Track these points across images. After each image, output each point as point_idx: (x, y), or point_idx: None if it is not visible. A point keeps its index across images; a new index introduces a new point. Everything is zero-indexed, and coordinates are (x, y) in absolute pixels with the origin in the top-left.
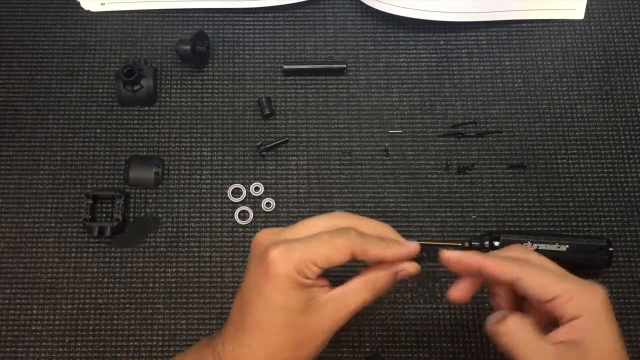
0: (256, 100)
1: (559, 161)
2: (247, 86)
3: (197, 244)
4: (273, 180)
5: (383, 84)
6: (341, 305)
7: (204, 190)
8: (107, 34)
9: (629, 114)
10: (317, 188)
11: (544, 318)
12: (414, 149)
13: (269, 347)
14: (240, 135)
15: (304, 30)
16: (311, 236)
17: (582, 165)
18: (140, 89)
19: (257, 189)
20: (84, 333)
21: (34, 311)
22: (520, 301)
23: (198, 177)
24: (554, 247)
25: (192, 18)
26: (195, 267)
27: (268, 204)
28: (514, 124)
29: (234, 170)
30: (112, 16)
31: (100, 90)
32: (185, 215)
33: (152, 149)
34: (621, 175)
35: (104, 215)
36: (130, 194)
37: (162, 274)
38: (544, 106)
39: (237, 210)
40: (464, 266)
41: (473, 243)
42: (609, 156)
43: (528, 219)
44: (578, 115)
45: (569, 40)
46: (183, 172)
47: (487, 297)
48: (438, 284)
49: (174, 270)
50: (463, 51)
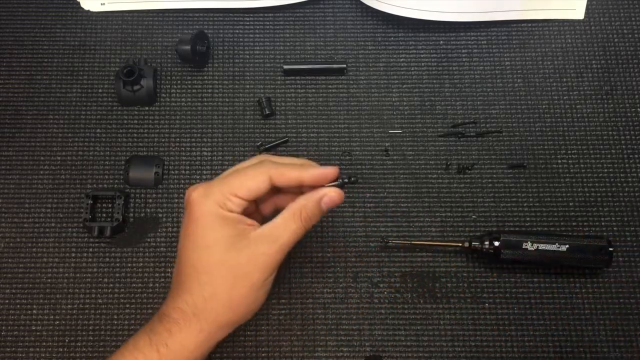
0: (256, 100)
1: (559, 161)
2: (247, 86)
3: None
4: None
5: (383, 84)
6: (272, 239)
7: None
8: (107, 34)
9: (629, 114)
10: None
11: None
12: (414, 149)
13: (205, 287)
14: (240, 135)
15: (304, 30)
16: (229, 173)
17: (582, 165)
18: (140, 89)
19: None
20: (84, 333)
21: (34, 311)
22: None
23: (198, 177)
24: (554, 247)
25: (192, 18)
26: None
27: None
28: (514, 124)
29: None
30: (112, 16)
31: (100, 90)
32: None
33: (152, 149)
34: (621, 175)
35: (104, 215)
36: (130, 194)
37: (162, 274)
38: (544, 106)
39: None
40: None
41: (473, 243)
42: (609, 156)
43: (528, 219)
44: (578, 115)
45: (569, 40)
46: (183, 172)
47: (486, 297)
48: (438, 284)
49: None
50: (463, 51)
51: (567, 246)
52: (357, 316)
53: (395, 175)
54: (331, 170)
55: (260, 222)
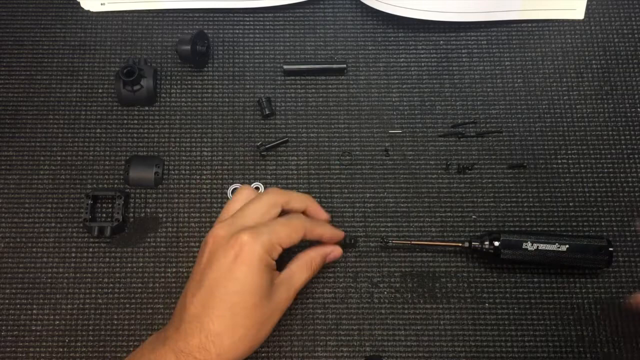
0: (256, 100)
1: (559, 161)
2: (247, 86)
3: (197, 244)
4: (273, 180)
5: (383, 84)
6: (289, 285)
7: (204, 190)
8: (107, 34)
9: (629, 114)
10: (317, 188)
11: None
12: (414, 149)
13: (237, 329)
14: (240, 135)
15: (304, 30)
16: (271, 221)
17: (582, 165)
18: (140, 89)
19: (257, 189)
20: (84, 333)
21: (34, 311)
22: None
23: (198, 177)
24: (554, 247)
25: (192, 18)
26: None
27: None
28: (514, 124)
29: (234, 170)
30: (112, 16)
31: (100, 90)
32: (185, 215)
33: (152, 149)
34: (621, 175)
35: (104, 215)
36: (130, 194)
37: (162, 274)
38: (544, 106)
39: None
40: None
41: (473, 243)
42: (609, 156)
43: (528, 219)
44: (578, 115)
45: (569, 40)
46: (183, 172)
47: (486, 297)
48: (438, 284)
49: (174, 270)
50: (463, 51)
51: (567, 246)
52: (357, 316)
53: (395, 175)
54: (342, 234)
55: None
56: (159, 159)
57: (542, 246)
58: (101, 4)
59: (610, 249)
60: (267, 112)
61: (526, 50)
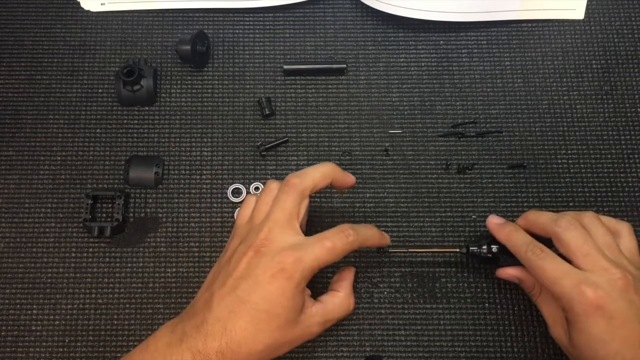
0: (256, 100)
1: (559, 161)
2: (247, 86)
3: (197, 244)
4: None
5: (383, 84)
6: (328, 318)
7: (204, 190)
8: (107, 34)
9: (629, 114)
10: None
11: None
12: (414, 149)
13: (256, 345)
14: (240, 135)
15: (304, 30)
16: (316, 242)
17: (582, 165)
18: (140, 89)
19: (257, 189)
20: (84, 333)
21: (34, 311)
22: None
23: (198, 177)
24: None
25: (192, 18)
26: (195, 267)
27: None
28: (514, 124)
29: (234, 170)
30: (112, 16)
31: (100, 90)
32: (185, 215)
33: (152, 149)
34: (621, 175)
35: (104, 215)
36: (130, 194)
37: (162, 274)
38: (544, 106)
39: (237, 211)
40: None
41: (471, 248)
42: (609, 156)
43: None
44: (578, 115)
45: (569, 40)
46: (183, 172)
47: (486, 297)
48: (438, 284)
49: (174, 270)
50: (463, 51)
51: None
52: (357, 316)
53: (395, 175)
54: (388, 240)
55: None
56: (159, 159)
57: None
58: (101, 4)
59: None
60: (267, 112)
61: (526, 50)
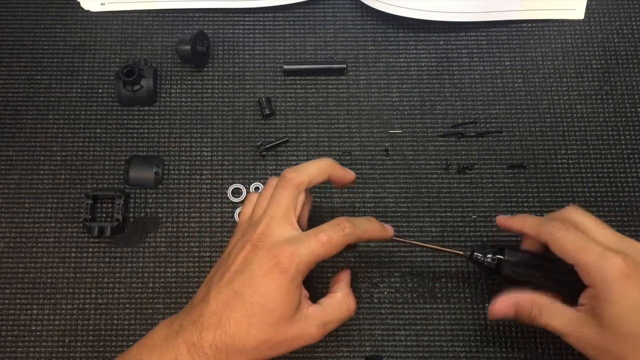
0: (256, 100)
1: (559, 161)
2: (247, 86)
3: (197, 244)
4: None
5: (383, 84)
6: (328, 320)
7: (204, 190)
8: (107, 34)
9: (629, 114)
10: (317, 188)
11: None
12: (414, 149)
13: (250, 339)
14: (240, 135)
15: (304, 30)
16: (311, 235)
17: (582, 165)
18: (140, 89)
19: (257, 189)
20: (84, 333)
21: (34, 311)
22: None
23: (198, 177)
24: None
25: (192, 18)
26: (195, 267)
27: None
28: (514, 124)
29: (234, 170)
30: (112, 16)
31: (100, 90)
32: (185, 215)
33: (152, 149)
34: (621, 175)
35: (104, 215)
36: (130, 194)
37: (162, 274)
38: (544, 106)
39: (237, 210)
40: (508, 228)
41: (475, 254)
42: (609, 156)
43: None
44: (578, 115)
45: (569, 40)
46: (183, 172)
47: (486, 297)
48: (438, 284)
49: (174, 270)
50: (463, 51)
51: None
52: (357, 316)
53: (395, 175)
54: (391, 233)
55: None
56: (159, 159)
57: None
58: (101, 4)
59: None
60: (267, 112)
61: (526, 50)
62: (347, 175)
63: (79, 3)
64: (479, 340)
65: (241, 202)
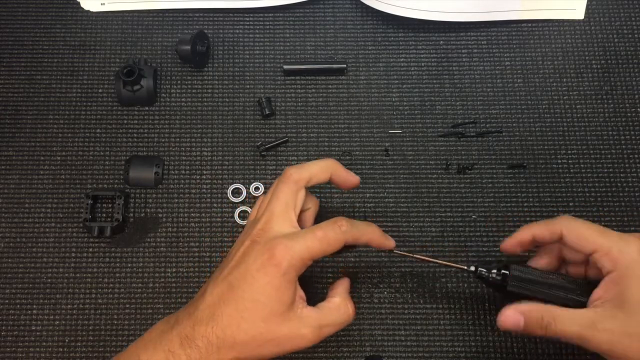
0: (256, 100)
1: (559, 161)
2: (247, 86)
3: (197, 244)
4: (273, 181)
5: (383, 84)
6: (323, 323)
7: (204, 190)
8: (107, 34)
9: (629, 114)
10: (317, 187)
11: (591, 273)
12: (414, 149)
13: (240, 333)
14: (240, 135)
15: (304, 30)
16: (308, 232)
17: (582, 165)
18: (140, 89)
19: (257, 189)
20: (84, 333)
21: (34, 311)
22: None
23: (198, 177)
24: None
25: (192, 18)
26: (195, 267)
27: None
28: (514, 124)
29: (234, 170)
30: (112, 16)
31: (100, 90)
32: (185, 215)
33: (152, 149)
34: (621, 175)
35: (104, 215)
36: (130, 194)
37: (162, 274)
38: (544, 106)
39: (237, 210)
40: (518, 243)
41: (480, 269)
42: (609, 156)
43: (528, 219)
44: (578, 115)
45: (569, 40)
46: (183, 172)
47: (486, 297)
48: (438, 284)
49: (174, 270)
50: (463, 51)
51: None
52: (357, 316)
53: (395, 175)
54: (392, 244)
55: None
56: (159, 159)
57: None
58: (101, 4)
59: None
60: (267, 112)
61: (526, 50)
62: (351, 177)
63: (79, 3)
64: (479, 340)
65: (241, 202)
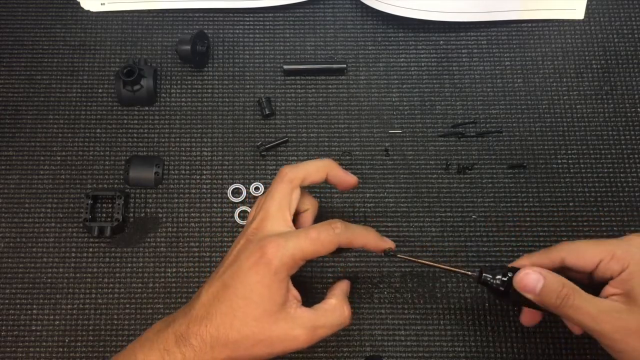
0: (256, 100)
1: (559, 161)
2: (247, 86)
3: (197, 244)
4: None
5: (383, 84)
6: (317, 324)
7: (204, 190)
8: (107, 34)
9: (629, 114)
10: (317, 187)
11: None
12: (414, 149)
13: (233, 332)
14: (240, 135)
15: (304, 30)
16: (301, 231)
17: (582, 165)
18: (140, 89)
19: (257, 189)
20: (84, 333)
21: (34, 311)
22: None
23: (198, 177)
24: None
25: (192, 18)
26: (195, 267)
27: None
28: (514, 124)
29: (234, 170)
30: (112, 16)
31: (100, 90)
32: (185, 215)
33: (152, 149)
34: (621, 175)
35: (104, 215)
36: (130, 194)
37: (162, 274)
38: (544, 106)
39: (237, 210)
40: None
41: (484, 275)
42: (609, 156)
43: (528, 219)
44: (578, 115)
45: (569, 40)
46: (183, 172)
47: (486, 297)
48: (438, 284)
49: (174, 270)
50: (463, 51)
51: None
52: (357, 316)
53: (395, 175)
54: (390, 244)
55: None
56: (159, 159)
57: None
58: (101, 4)
59: None
60: (267, 112)
61: (526, 50)
62: (348, 178)
63: (79, 3)
64: (479, 340)
65: (241, 202)
